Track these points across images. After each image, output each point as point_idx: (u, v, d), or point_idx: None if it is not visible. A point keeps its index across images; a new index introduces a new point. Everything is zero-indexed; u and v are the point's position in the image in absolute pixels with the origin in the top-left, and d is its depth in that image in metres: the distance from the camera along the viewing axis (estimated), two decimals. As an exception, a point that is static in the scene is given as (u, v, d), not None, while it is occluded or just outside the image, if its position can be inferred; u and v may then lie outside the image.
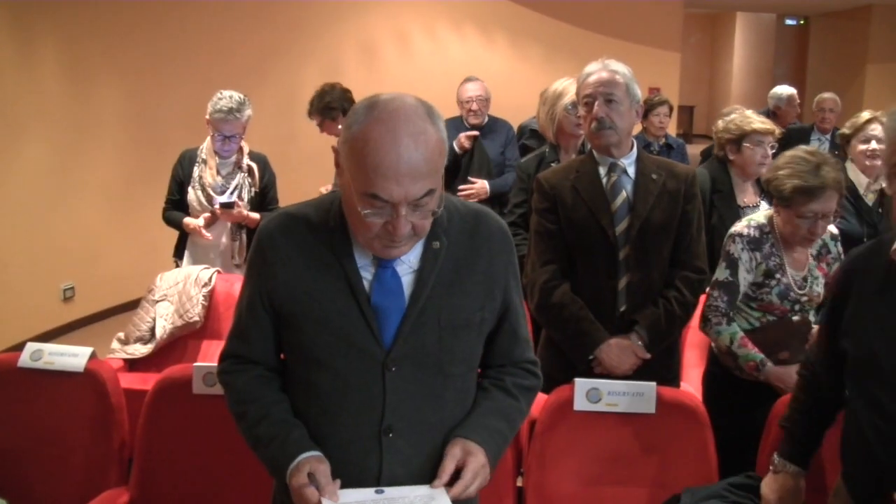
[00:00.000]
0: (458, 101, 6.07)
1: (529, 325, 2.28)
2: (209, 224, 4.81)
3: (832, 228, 3.46)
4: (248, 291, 2.04)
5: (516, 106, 7.18)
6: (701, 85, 20.37)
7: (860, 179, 4.40)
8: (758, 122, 4.30)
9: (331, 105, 5.64)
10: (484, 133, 5.92)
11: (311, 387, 1.98)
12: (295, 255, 1.95)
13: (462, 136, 5.69)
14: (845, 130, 4.66)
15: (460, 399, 2.06)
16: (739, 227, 3.41)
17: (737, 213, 4.24)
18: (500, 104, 6.69)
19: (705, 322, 3.38)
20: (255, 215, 4.74)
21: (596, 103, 3.15)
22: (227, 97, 4.76)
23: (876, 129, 4.46)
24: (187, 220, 4.87)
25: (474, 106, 5.91)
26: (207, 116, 4.80)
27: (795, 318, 3.30)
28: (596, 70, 3.20)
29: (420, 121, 1.78)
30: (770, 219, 3.35)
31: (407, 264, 1.96)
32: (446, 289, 1.96)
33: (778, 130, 4.31)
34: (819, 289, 3.33)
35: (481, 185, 5.65)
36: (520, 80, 8.71)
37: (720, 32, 21.30)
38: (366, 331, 1.91)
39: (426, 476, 1.96)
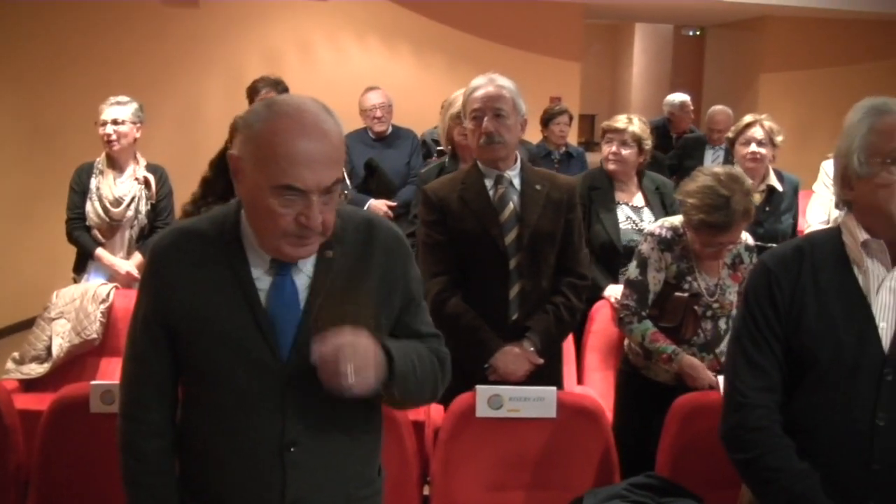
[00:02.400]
0: (360, 111, 6.07)
1: None
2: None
3: (748, 239, 3.55)
4: (142, 311, 1.98)
5: (420, 115, 7.20)
6: (602, 94, 20.66)
7: (746, 181, 4.53)
8: (612, 121, 4.50)
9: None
10: (389, 142, 5.93)
11: (211, 405, 1.95)
12: (190, 272, 1.92)
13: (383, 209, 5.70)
14: (730, 134, 4.81)
15: (365, 411, 2.05)
16: (654, 226, 3.51)
17: (614, 208, 4.36)
18: (404, 113, 6.71)
19: (620, 321, 3.50)
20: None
21: (485, 118, 3.19)
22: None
23: (758, 132, 4.60)
24: (108, 258, 4.82)
25: (378, 113, 5.92)
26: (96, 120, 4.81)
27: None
28: (483, 85, 3.24)
29: (321, 113, 1.83)
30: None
31: (304, 273, 1.95)
32: (340, 297, 1.94)
33: (641, 128, 4.45)
34: (732, 297, 3.40)
35: (383, 214, 5.61)
36: (423, 90, 8.73)
37: (620, 42, 21.66)
38: (263, 344, 1.89)
39: (330, 488, 1.97)
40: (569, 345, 4.02)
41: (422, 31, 9.51)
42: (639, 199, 4.45)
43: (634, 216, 4.32)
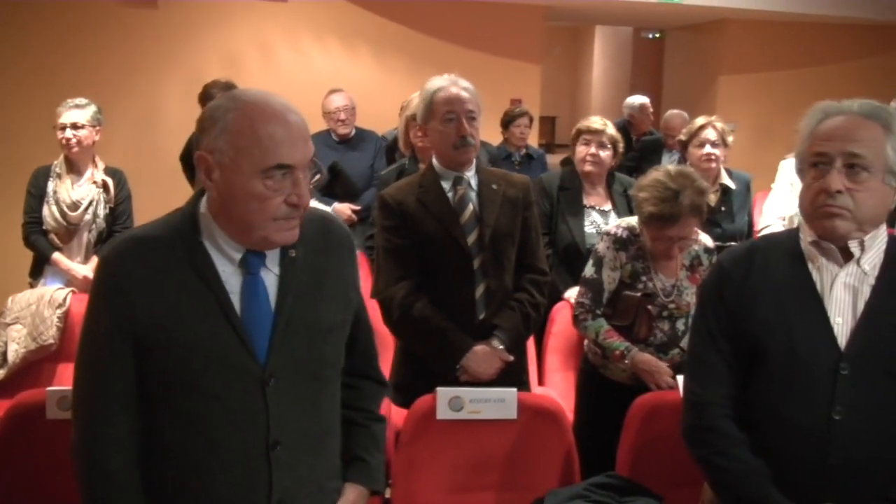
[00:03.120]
0: (324, 113, 6.04)
1: None
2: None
3: (707, 242, 3.59)
4: (103, 325, 1.89)
5: (380, 116, 7.17)
6: (563, 96, 20.76)
7: (700, 183, 4.58)
8: (588, 123, 4.51)
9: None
10: (352, 144, 5.91)
11: (187, 415, 1.90)
12: (154, 280, 1.87)
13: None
14: (682, 137, 4.85)
15: (332, 404, 2.09)
16: (610, 226, 3.55)
17: (581, 211, 4.42)
18: (365, 115, 6.68)
19: (575, 319, 3.54)
20: None
21: (463, 120, 3.19)
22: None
23: (711, 134, 4.65)
24: (65, 263, 4.78)
25: (342, 116, 5.89)
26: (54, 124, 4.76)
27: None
28: (448, 86, 3.23)
29: (280, 97, 1.90)
30: None
31: (272, 272, 1.96)
32: (308, 294, 1.98)
33: (610, 132, 4.49)
34: (689, 298, 3.43)
35: (347, 218, 5.63)
36: (383, 91, 8.70)
37: (580, 45, 21.77)
38: (240, 348, 1.88)
39: (309, 483, 2.00)
40: (530, 346, 4.03)
41: (382, 33, 9.50)
42: (606, 203, 4.48)
43: (600, 220, 4.36)
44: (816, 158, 2.14)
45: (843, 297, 2.16)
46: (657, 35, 15.56)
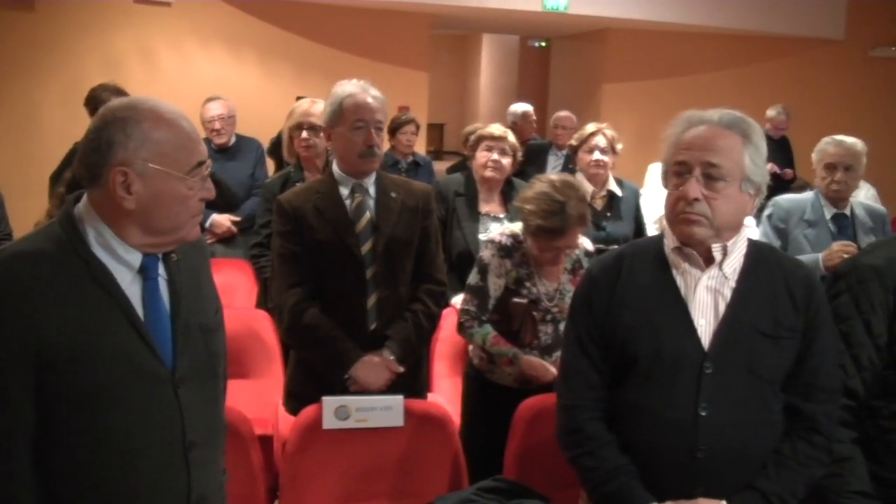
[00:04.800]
0: (201, 122, 5.92)
1: None
2: None
3: (587, 245, 3.65)
4: (3, 351, 1.77)
5: (266, 124, 7.09)
6: (451, 103, 20.90)
7: (587, 188, 4.66)
8: (490, 129, 4.56)
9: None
10: (231, 153, 5.79)
11: (103, 431, 1.84)
12: (55, 296, 1.79)
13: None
14: (573, 142, 4.93)
15: (224, 398, 2.17)
16: (494, 234, 3.56)
17: (477, 218, 4.46)
18: (249, 122, 6.61)
19: (460, 326, 3.52)
20: None
21: (372, 130, 3.17)
22: None
23: (601, 141, 4.74)
24: None
25: (217, 126, 5.73)
26: None
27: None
28: (359, 93, 3.19)
29: None
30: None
31: (161, 276, 1.96)
32: (192, 295, 2.01)
33: (511, 139, 4.55)
34: None
35: (227, 229, 5.54)
36: (269, 98, 8.65)
37: (468, 53, 21.99)
38: (150, 356, 1.88)
39: (214, 480, 2.07)
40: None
41: (268, 39, 9.43)
42: (501, 211, 4.52)
43: (494, 227, 4.37)
44: (677, 167, 2.25)
45: (706, 300, 2.27)
46: (543, 43, 15.77)
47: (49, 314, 1.78)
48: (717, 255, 2.26)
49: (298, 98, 5.20)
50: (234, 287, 4.91)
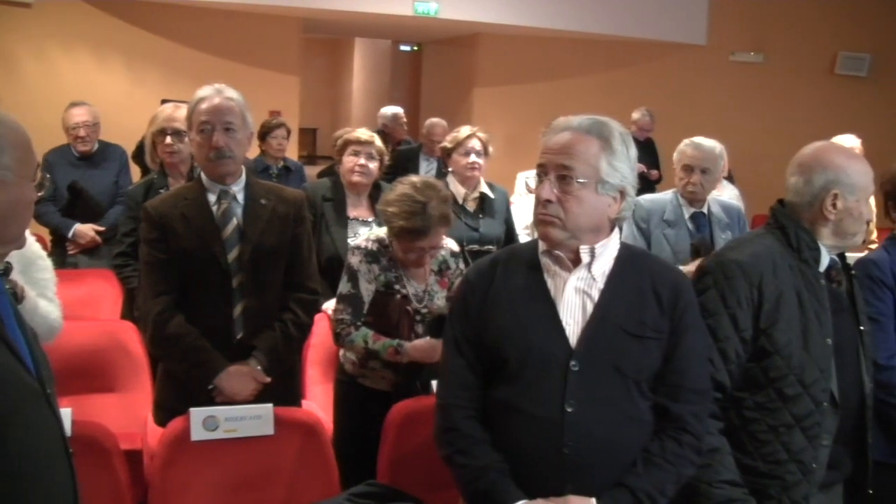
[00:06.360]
0: (64, 128, 5.73)
1: None
2: None
3: (452, 246, 3.68)
4: None
5: (133, 130, 6.91)
6: (323, 108, 20.82)
7: (459, 190, 4.72)
8: (356, 134, 4.57)
9: None
10: (95, 161, 5.63)
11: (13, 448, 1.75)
12: None
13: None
14: (447, 144, 4.96)
15: None
16: (360, 239, 3.56)
17: (345, 223, 4.46)
18: (115, 129, 6.44)
19: (337, 336, 3.48)
20: None
21: (215, 132, 3.10)
22: None
23: (476, 144, 4.78)
24: None
25: (81, 132, 5.57)
26: None
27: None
28: (210, 96, 3.14)
29: None
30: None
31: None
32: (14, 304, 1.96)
33: (378, 144, 4.57)
34: (440, 302, 3.50)
35: (90, 239, 5.41)
36: (136, 104, 8.44)
37: (340, 57, 21.93)
38: (23, 370, 1.80)
39: None
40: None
41: (134, 43, 9.21)
42: (370, 215, 4.52)
43: (363, 231, 4.36)
44: (538, 170, 2.32)
45: (574, 301, 2.32)
46: (415, 48, 15.87)
47: None
48: (585, 256, 2.31)
49: (164, 102, 5.10)
50: (99, 298, 4.79)
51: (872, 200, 2.93)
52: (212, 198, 3.19)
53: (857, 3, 11.14)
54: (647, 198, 4.63)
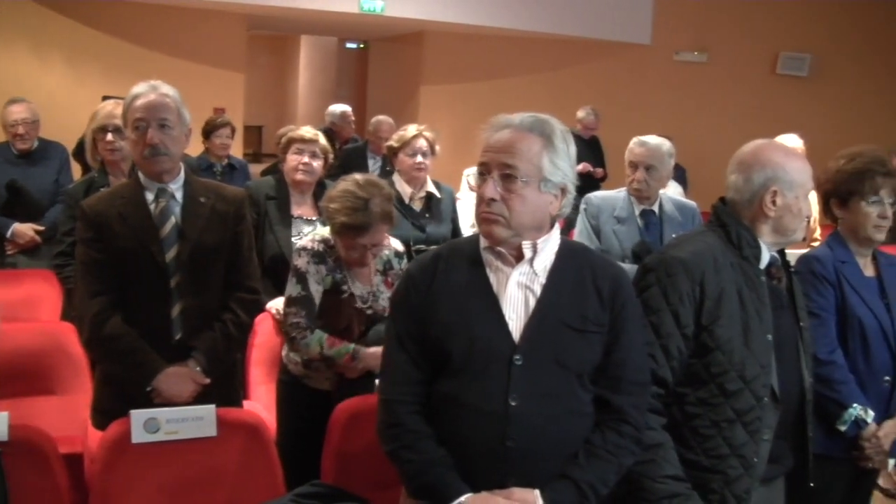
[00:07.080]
0: (2, 126, 5.63)
1: None
2: None
3: (397, 246, 3.68)
4: None
5: (73, 127, 6.82)
6: (269, 105, 20.68)
7: (405, 190, 4.71)
8: (300, 132, 4.55)
9: None
10: (34, 159, 5.54)
11: None
12: None
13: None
14: (393, 144, 4.94)
15: None
16: (305, 241, 3.53)
17: (289, 222, 4.44)
18: (55, 126, 6.34)
19: (291, 341, 3.44)
20: None
21: (150, 129, 3.05)
22: None
23: (423, 144, 4.78)
24: None
25: (20, 130, 5.48)
26: None
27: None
28: (145, 93, 3.09)
29: None
30: None
31: None
32: None
33: (323, 142, 4.57)
34: (384, 302, 3.48)
35: (30, 239, 5.33)
36: (77, 100, 8.30)
37: (286, 54, 21.81)
38: None
39: None
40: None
41: (75, 38, 9.07)
42: (314, 213, 4.49)
43: (307, 230, 4.34)
44: (481, 168, 2.33)
45: (516, 296, 2.34)
46: (362, 45, 15.83)
47: None
48: (528, 252, 2.33)
49: (105, 99, 5.03)
50: (39, 299, 4.70)
51: (813, 197, 2.99)
52: (149, 196, 3.14)
53: (798, 5, 11.34)
54: (598, 195, 4.68)
